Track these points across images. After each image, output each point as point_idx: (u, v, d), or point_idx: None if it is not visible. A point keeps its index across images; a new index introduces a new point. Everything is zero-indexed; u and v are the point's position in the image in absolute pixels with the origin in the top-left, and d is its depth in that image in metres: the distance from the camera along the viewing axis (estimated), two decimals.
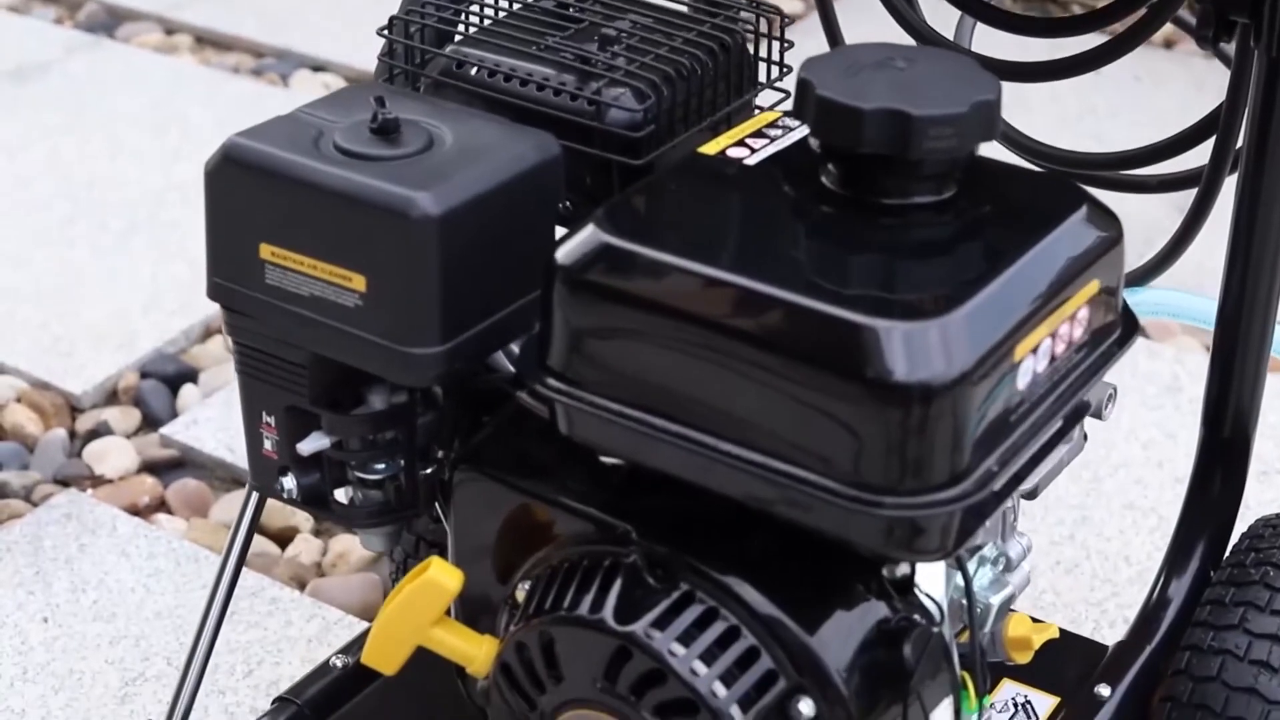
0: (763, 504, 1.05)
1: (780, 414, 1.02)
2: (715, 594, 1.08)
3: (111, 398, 2.22)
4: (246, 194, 1.16)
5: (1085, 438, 1.46)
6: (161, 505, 2.05)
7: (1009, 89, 1.11)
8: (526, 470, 1.18)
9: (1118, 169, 1.53)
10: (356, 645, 1.41)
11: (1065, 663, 1.43)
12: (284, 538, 2.00)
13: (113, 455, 2.10)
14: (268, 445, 1.23)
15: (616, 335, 1.07)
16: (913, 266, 1.07)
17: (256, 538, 1.99)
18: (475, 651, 1.17)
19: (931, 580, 1.14)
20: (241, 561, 1.33)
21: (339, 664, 1.39)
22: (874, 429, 1.00)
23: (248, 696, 1.77)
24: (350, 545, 1.97)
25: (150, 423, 2.18)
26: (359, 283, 1.13)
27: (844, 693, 1.08)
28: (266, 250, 1.16)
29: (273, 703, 1.37)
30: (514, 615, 1.15)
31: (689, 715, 1.07)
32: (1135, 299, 1.58)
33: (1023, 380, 1.05)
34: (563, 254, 1.08)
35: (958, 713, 1.17)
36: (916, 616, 1.12)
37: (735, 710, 1.06)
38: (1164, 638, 1.40)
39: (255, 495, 1.31)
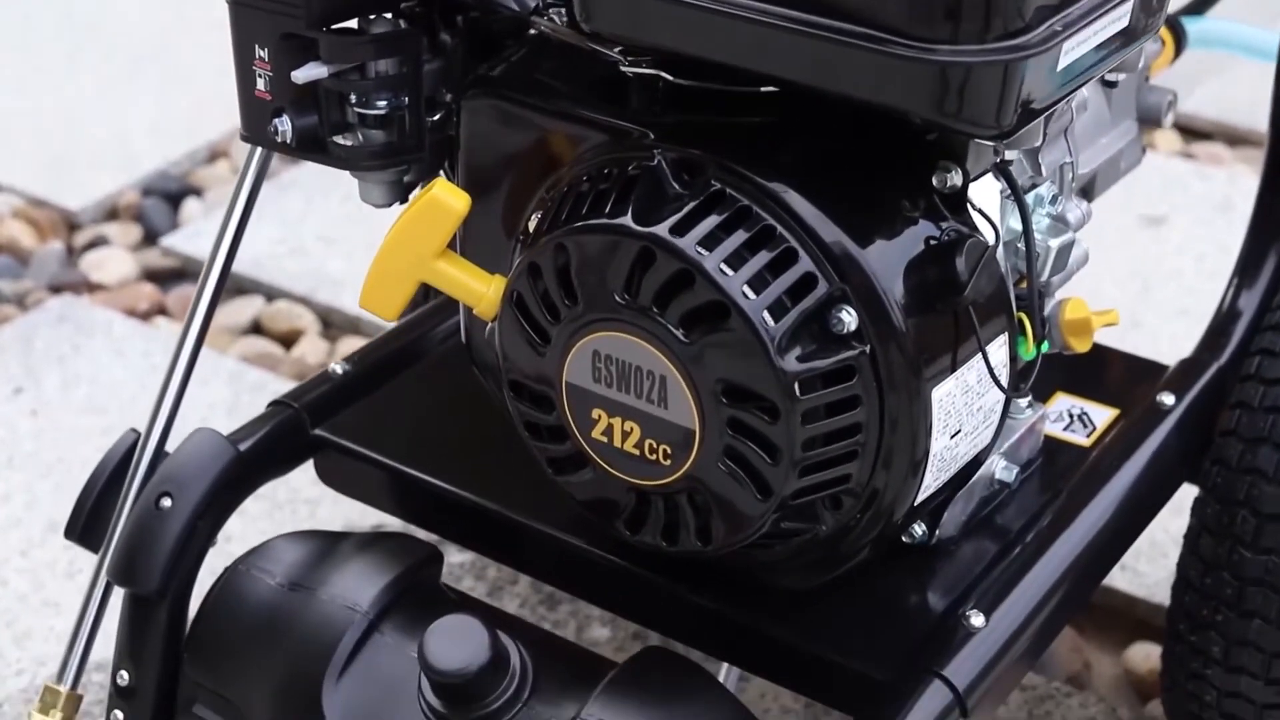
0: (804, 74, 0.95)
1: None
2: (749, 194, 0.98)
3: (111, 215, 2.13)
4: None
5: (1144, 150, 1.36)
6: (161, 311, 1.96)
7: None
8: (541, 90, 1.08)
9: None
10: (358, 354, 1.31)
11: (1125, 380, 1.32)
12: (289, 339, 1.90)
13: (111, 264, 2.01)
14: (260, 85, 1.13)
15: None
16: None
17: (260, 339, 1.90)
18: (483, 288, 1.07)
19: (985, 201, 1.04)
20: (242, 227, 1.22)
21: (339, 370, 1.29)
22: None
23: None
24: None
25: (151, 239, 2.08)
26: None
27: (889, 303, 0.98)
28: None
29: (269, 405, 1.27)
30: (526, 245, 1.05)
31: (718, 322, 0.97)
32: (1195, 28, 1.48)
33: None
34: None
35: (1014, 355, 1.06)
36: (968, 232, 1.01)
37: (766, 316, 0.96)
38: (1235, 349, 1.30)
39: (257, 156, 1.21)
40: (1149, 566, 1.59)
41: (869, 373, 0.98)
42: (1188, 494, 1.27)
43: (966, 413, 1.03)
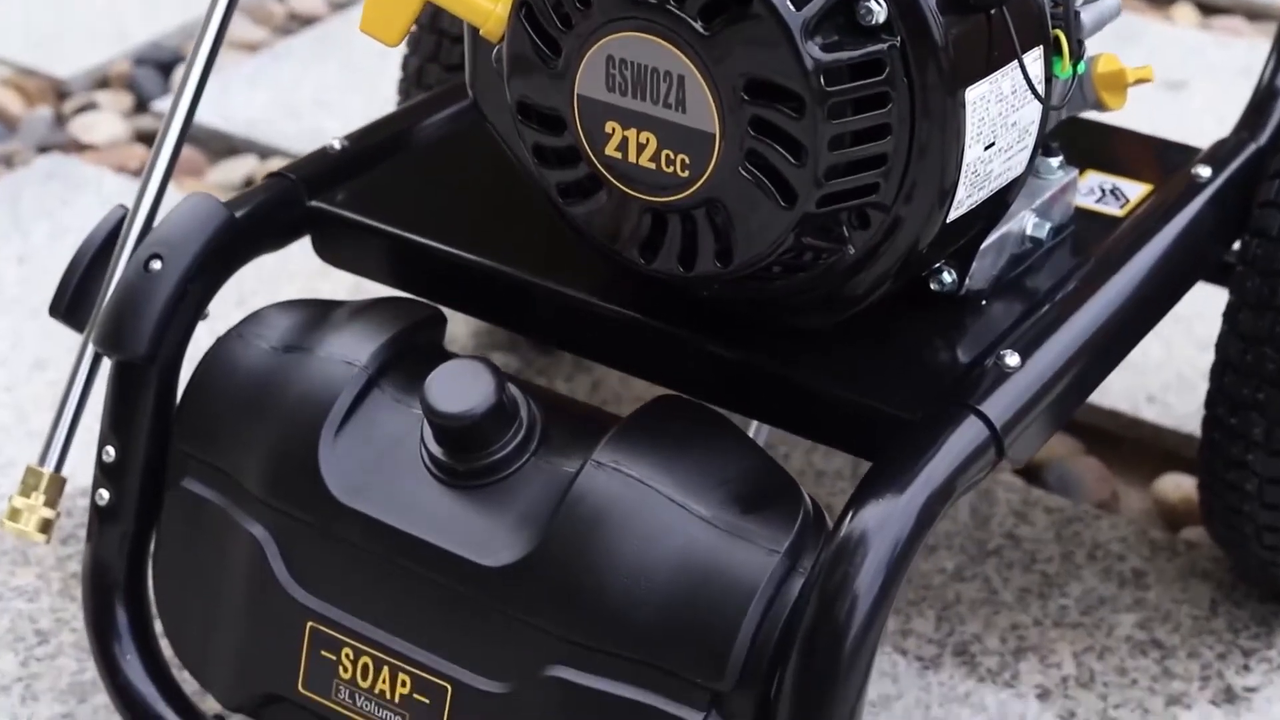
0: None
1: None
2: None
3: (102, 84, 2.07)
4: None
5: None
6: None
7: None
8: None
9: None
10: (358, 133, 1.25)
11: (1158, 160, 1.27)
12: None
13: (101, 126, 1.95)
14: None
15: None
16: None
17: None
18: (489, 5, 1.01)
19: None
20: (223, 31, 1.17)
21: (337, 146, 1.23)
22: None
23: None
24: None
25: (142, 107, 2.02)
26: None
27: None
28: None
29: (265, 177, 1.21)
30: None
31: (739, 10, 0.91)
32: None
33: None
34: None
35: (1049, 74, 1.00)
36: None
37: (789, 2, 0.90)
38: (1275, 127, 1.25)
39: None
40: (1177, 399, 1.53)
41: (899, 69, 0.92)
42: (1214, 329, 1.21)
43: (1001, 125, 0.98)
